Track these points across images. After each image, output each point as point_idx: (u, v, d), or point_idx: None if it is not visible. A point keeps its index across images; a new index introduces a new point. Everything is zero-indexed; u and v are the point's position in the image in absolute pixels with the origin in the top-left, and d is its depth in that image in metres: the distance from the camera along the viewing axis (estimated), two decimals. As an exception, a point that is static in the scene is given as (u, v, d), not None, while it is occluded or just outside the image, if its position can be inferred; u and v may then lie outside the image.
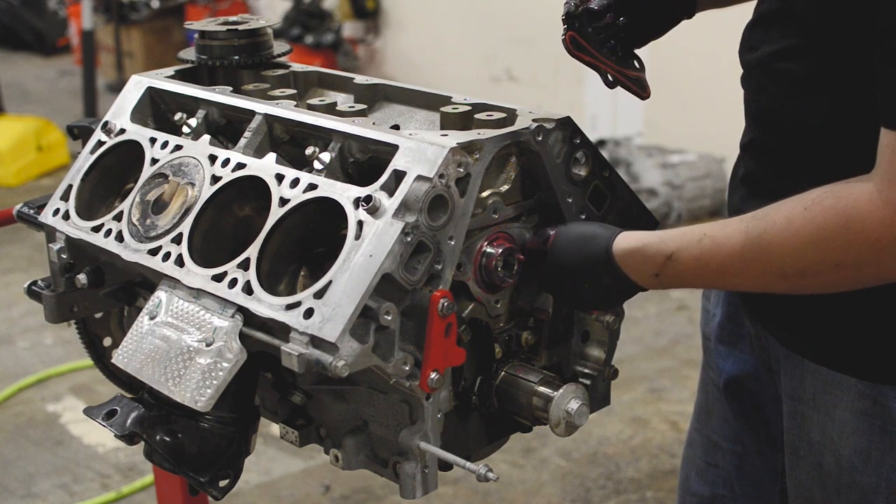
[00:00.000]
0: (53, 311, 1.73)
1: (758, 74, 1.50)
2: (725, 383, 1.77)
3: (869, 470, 1.47)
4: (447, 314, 1.35)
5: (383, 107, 1.73)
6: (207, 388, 1.38)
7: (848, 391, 1.47)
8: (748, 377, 1.73)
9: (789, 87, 1.43)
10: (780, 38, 1.45)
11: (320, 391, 1.56)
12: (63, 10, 10.07)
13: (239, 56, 1.81)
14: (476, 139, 1.41)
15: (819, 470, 1.53)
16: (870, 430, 1.46)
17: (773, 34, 1.47)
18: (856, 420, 1.47)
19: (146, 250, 1.54)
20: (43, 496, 3.51)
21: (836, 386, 1.48)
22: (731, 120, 1.97)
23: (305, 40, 7.99)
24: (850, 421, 1.47)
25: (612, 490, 3.50)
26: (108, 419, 1.49)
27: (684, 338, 4.52)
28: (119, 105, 1.78)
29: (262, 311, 1.37)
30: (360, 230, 1.35)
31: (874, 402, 1.45)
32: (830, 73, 1.38)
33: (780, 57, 1.44)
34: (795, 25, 1.41)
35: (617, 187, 1.58)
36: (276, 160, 1.51)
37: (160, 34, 8.76)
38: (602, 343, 1.62)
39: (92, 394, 4.07)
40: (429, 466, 1.42)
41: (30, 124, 6.91)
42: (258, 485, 3.53)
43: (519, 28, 6.91)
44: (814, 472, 1.54)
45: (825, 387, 1.49)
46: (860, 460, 1.47)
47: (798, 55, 1.42)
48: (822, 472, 1.52)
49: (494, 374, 1.50)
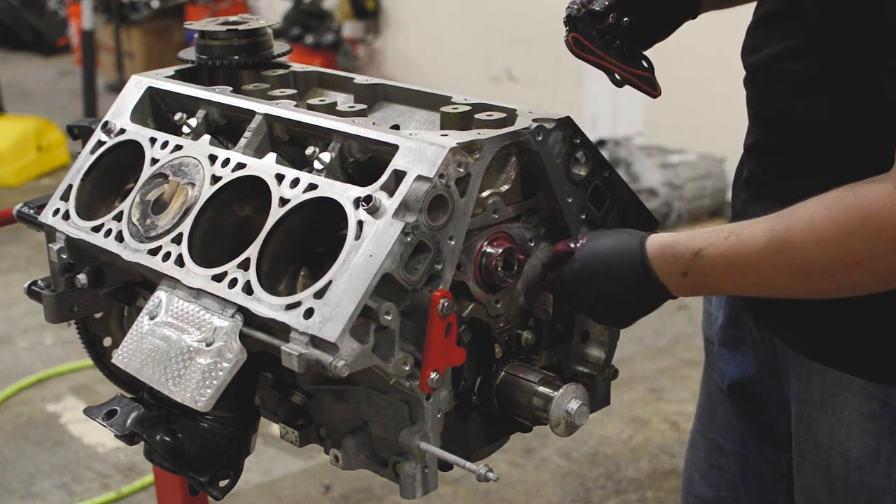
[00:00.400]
0: (53, 311, 1.73)
1: (760, 76, 1.49)
2: (729, 386, 1.77)
3: (878, 471, 1.47)
4: (447, 314, 1.35)
5: (383, 107, 1.73)
6: (207, 388, 1.38)
7: (856, 393, 1.46)
8: (751, 380, 1.73)
9: (792, 87, 1.43)
10: (782, 38, 1.45)
11: (320, 391, 1.56)
12: (63, 10, 10.07)
13: (239, 56, 1.81)
14: (476, 139, 1.41)
15: (826, 471, 1.52)
16: (878, 431, 1.45)
17: (775, 35, 1.46)
18: (864, 421, 1.46)
19: (146, 250, 1.54)
20: (43, 496, 3.51)
21: (845, 387, 1.47)
22: (731, 120, 1.97)
23: (305, 40, 7.99)
24: (858, 422, 1.47)
25: (612, 490, 3.50)
26: (108, 419, 1.49)
27: (684, 338, 4.52)
28: (119, 105, 1.78)
29: (262, 311, 1.37)
30: (360, 230, 1.35)
31: (883, 403, 1.44)
32: (833, 73, 1.38)
33: (783, 58, 1.44)
34: (798, 26, 1.41)
35: (617, 187, 1.58)
36: (276, 160, 1.51)
37: (160, 34, 8.76)
38: (602, 343, 1.62)
39: (92, 394, 4.07)
40: (429, 466, 1.42)
41: (30, 124, 6.91)
42: (258, 485, 3.53)
43: (519, 28, 6.91)
44: (821, 473, 1.53)
45: (833, 388, 1.49)
46: (868, 462, 1.47)
47: (800, 55, 1.41)
48: (829, 474, 1.52)
49: (494, 374, 1.50)
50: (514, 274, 1.48)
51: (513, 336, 1.53)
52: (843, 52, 1.35)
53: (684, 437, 3.80)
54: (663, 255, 1.40)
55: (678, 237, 1.41)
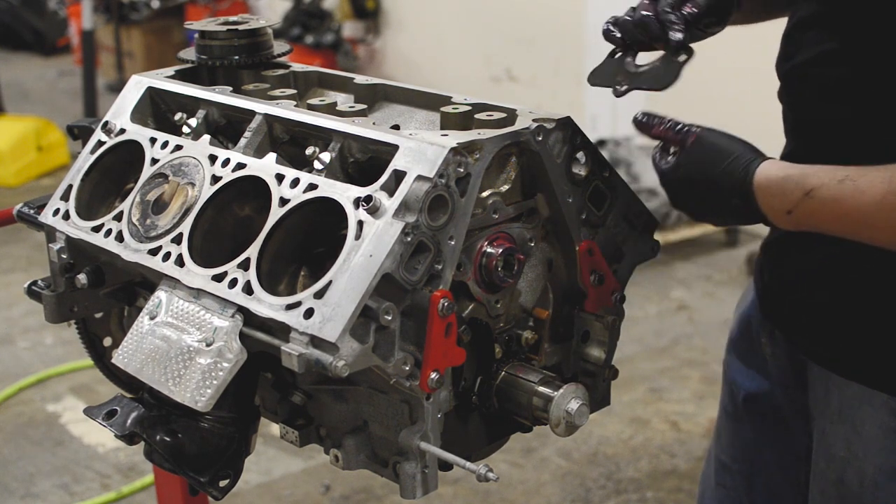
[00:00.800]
0: (53, 311, 1.73)
1: (794, 81, 1.47)
2: (744, 399, 1.75)
3: (892, 490, 1.44)
4: (447, 314, 1.35)
5: (383, 107, 1.73)
6: (207, 388, 1.38)
7: (879, 408, 1.44)
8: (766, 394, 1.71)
9: (827, 91, 1.41)
10: (817, 43, 1.42)
11: (320, 391, 1.56)
12: (63, 10, 10.07)
13: (239, 56, 1.81)
14: (476, 139, 1.41)
15: (839, 486, 1.50)
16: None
17: (809, 39, 1.44)
18: (884, 438, 1.44)
19: (146, 250, 1.54)
20: (43, 496, 3.51)
21: (866, 401, 1.45)
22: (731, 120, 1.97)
23: (305, 40, 7.99)
24: (878, 438, 1.44)
25: (612, 490, 3.50)
26: (108, 419, 1.49)
27: (684, 338, 4.52)
28: (119, 105, 1.78)
29: (263, 311, 1.37)
30: (360, 230, 1.35)
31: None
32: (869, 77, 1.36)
33: (818, 62, 1.42)
34: (833, 29, 1.39)
35: (617, 187, 1.58)
36: (276, 160, 1.51)
37: (160, 34, 8.76)
38: (602, 343, 1.62)
39: (92, 394, 4.07)
40: (429, 466, 1.42)
41: (30, 124, 6.92)
42: (258, 485, 3.53)
43: (519, 28, 6.91)
44: (833, 488, 1.51)
45: (854, 402, 1.46)
46: (885, 479, 1.44)
47: (836, 60, 1.39)
48: (842, 489, 1.49)
49: (494, 374, 1.50)
50: (514, 274, 1.48)
51: (513, 336, 1.53)
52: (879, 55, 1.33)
53: (684, 437, 3.81)
54: (769, 190, 1.36)
55: (789, 171, 1.35)
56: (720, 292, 5.01)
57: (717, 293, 5.00)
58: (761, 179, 1.36)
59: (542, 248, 1.54)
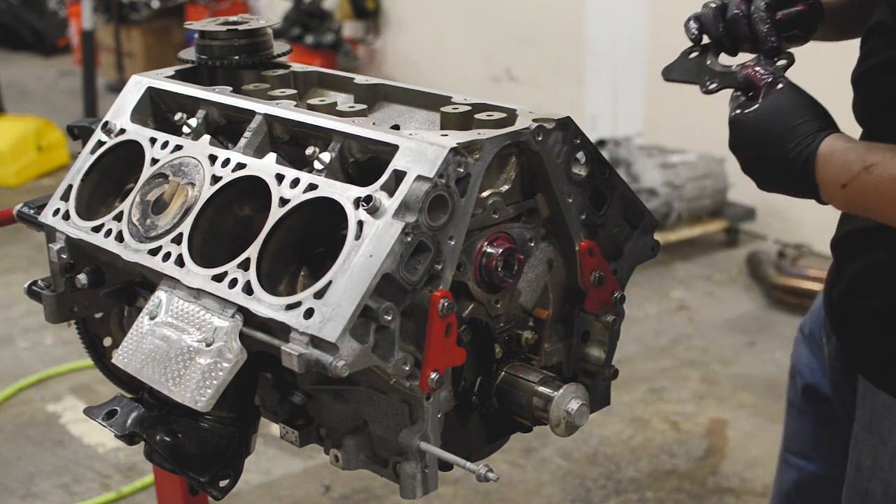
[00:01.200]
0: (53, 311, 1.73)
1: (861, 87, 1.46)
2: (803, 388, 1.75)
3: None
4: (447, 314, 1.35)
5: (383, 107, 1.73)
6: (207, 389, 1.38)
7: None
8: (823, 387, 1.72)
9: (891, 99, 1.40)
10: (882, 49, 1.41)
11: (320, 391, 1.56)
12: (63, 10, 10.07)
13: (239, 56, 1.81)
14: (476, 139, 1.41)
15: (864, 497, 1.49)
16: None
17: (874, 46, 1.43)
18: None
19: (146, 250, 1.54)
20: (43, 496, 3.51)
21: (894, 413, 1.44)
22: (730, 120, 1.97)
23: (305, 40, 7.99)
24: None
25: (612, 490, 3.50)
26: (108, 419, 1.49)
27: (684, 338, 4.52)
28: (119, 105, 1.78)
29: (262, 311, 1.37)
30: (360, 230, 1.35)
31: None
32: None
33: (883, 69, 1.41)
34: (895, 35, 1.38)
35: (617, 187, 1.59)
36: (276, 160, 1.52)
37: (160, 34, 8.76)
38: (602, 343, 1.62)
39: (92, 394, 4.07)
40: (429, 466, 1.42)
41: (30, 124, 6.91)
42: (258, 485, 3.53)
43: (519, 28, 6.91)
44: (858, 498, 1.50)
45: (883, 412, 1.45)
46: None
47: None
48: (866, 499, 1.48)
49: (494, 374, 1.50)
50: (514, 274, 1.48)
51: (513, 336, 1.53)
52: None
53: (684, 437, 3.81)
54: (832, 159, 1.33)
55: (855, 143, 1.33)
56: (720, 292, 5.01)
57: (717, 293, 5.00)
58: (825, 149, 1.34)
59: (542, 248, 1.54)
